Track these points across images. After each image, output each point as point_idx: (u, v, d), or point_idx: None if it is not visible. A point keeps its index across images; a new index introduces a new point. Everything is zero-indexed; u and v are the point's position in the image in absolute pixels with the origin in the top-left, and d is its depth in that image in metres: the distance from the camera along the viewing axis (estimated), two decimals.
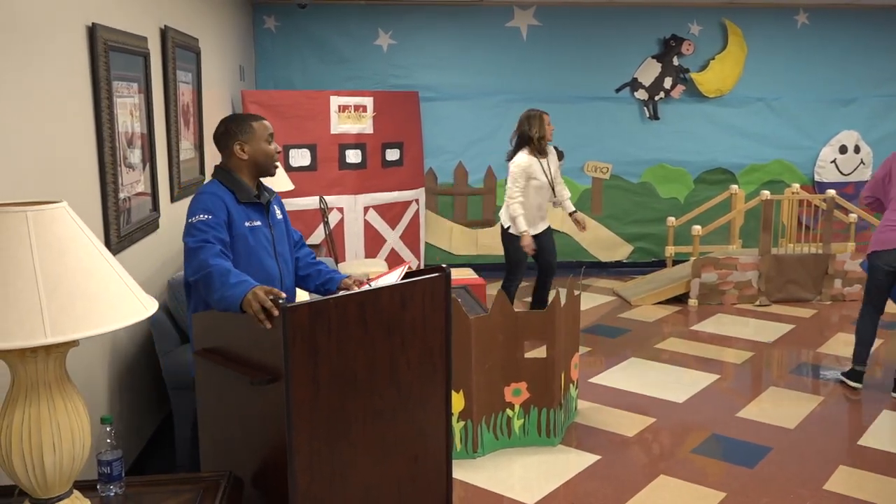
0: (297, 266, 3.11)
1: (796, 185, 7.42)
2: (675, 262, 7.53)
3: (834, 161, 8.11)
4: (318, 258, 3.20)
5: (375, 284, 2.60)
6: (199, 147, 5.02)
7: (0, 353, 1.63)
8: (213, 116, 5.47)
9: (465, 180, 7.91)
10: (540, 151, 5.50)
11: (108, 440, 2.01)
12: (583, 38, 7.77)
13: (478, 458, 3.92)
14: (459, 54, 7.70)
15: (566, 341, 4.14)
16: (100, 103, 3.14)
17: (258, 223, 2.91)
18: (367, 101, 6.83)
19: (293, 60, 7.60)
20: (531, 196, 5.47)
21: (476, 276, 6.12)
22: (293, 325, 2.19)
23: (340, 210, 6.76)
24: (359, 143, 6.81)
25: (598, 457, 3.95)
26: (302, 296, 3.70)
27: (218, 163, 2.99)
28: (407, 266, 2.77)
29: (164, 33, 4.19)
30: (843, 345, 5.73)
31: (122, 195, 3.40)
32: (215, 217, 2.76)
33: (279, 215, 3.06)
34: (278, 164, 3.01)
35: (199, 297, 2.87)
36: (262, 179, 3.03)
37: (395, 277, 2.65)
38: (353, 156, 6.76)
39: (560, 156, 7.06)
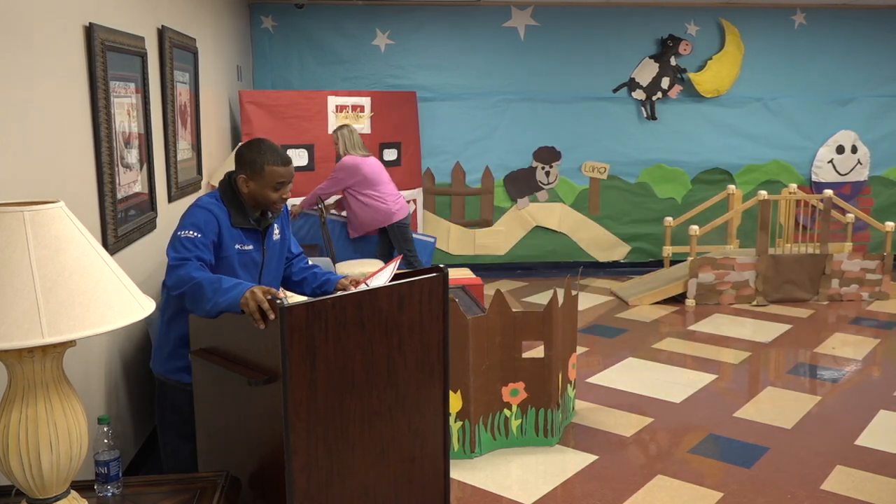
0: (291, 272, 3.04)
1: (793, 186, 7.44)
2: (673, 263, 7.53)
3: (831, 161, 8.12)
4: (315, 259, 3.18)
5: (371, 283, 2.59)
6: (197, 147, 5.02)
7: None
8: (210, 116, 5.47)
9: (463, 180, 7.91)
10: None
11: (106, 440, 2.01)
12: (580, 38, 7.77)
13: (475, 458, 3.93)
14: (457, 54, 7.70)
15: (564, 341, 4.15)
16: (97, 103, 3.13)
17: (249, 247, 2.80)
18: (365, 101, 6.83)
19: (291, 60, 7.59)
20: None
21: (474, 276, 6.12)
22: (291, 326, 2.19)
23: None
24: None
25: (596, 457, 3.95)
26: (299, 297, 3.70)
27: (231, 170, 2.87)
28: (399, 260, 2.77)
29: (162, 33, 4.19)
30: (840, 344, 5.74)
31: (119, 195, 3.40)
32: (204, 237, 2.66)
33: (276, 236, 2.93)
34: (280, 208, 2.84)
35: (177, 302, 2.78)
36: None
37: (388, 272, 2.65)
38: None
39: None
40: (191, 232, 2.65)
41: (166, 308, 2.86)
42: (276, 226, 2.93)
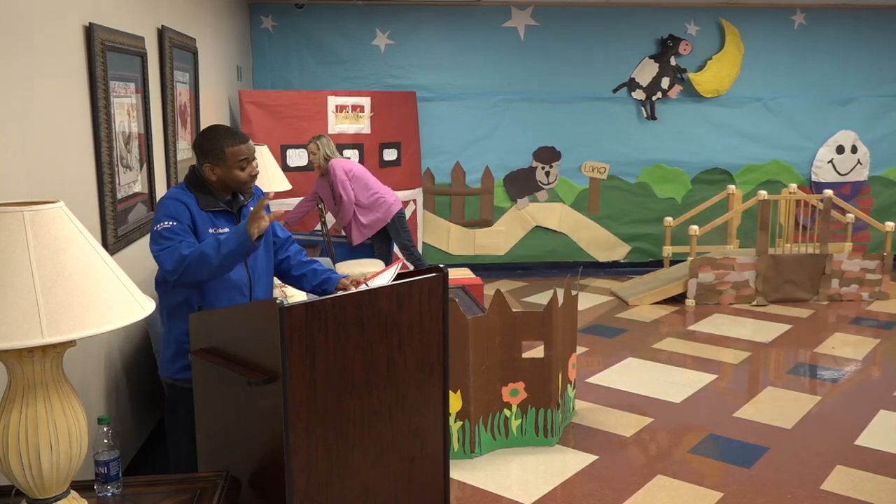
0: (290, 265, 3.05)
1: (793, 186, 7.44)
2: (673, 263, 7.54)
3: (831, 161, 8.12)
4: (315, 258, 3.18)
5: (371, 283, 2.60)
6: None
7: None
8: (210, 117, 5.47)
9: (463, 180, 7.91)
10: None
11: (106, 440, 2.01)
12: (580, 38, 7.77)
13: (475, 458, 3.93)
14: (457, 54, 7.70)
15: (564, 341, 4.14)
16: (97, 103, 3.13)
17: (225, 230, 2.82)
18: (365, 101, 6.83)
19: (291, 60, 7.59)
20: None
21: (473, 277, 6.14)
22: (290, 326, 2.19)
23: None
24: (356, 143, 6.81)
25: (596, 457, 3.95)
26: (299, 295, 3.70)
27: (193, 165, 2.91)
28: (400, 263, 2.79)
29: (162, 33, 4.19)
30: (840, 344, 5.74)
31: (119, 195, 3.40)
32: (180, 224, 2.72)
33: None
34: (252, 185, 2.88)
35: (170, 300, 2.85)
36: None
37: (389, 275, 2.66)
38: (350, 156, 6.76)
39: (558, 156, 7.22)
40: (167, 223, 2.71)
41: (163, 309, 2.88)
42: (251, 209, 2.94)
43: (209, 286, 2.79)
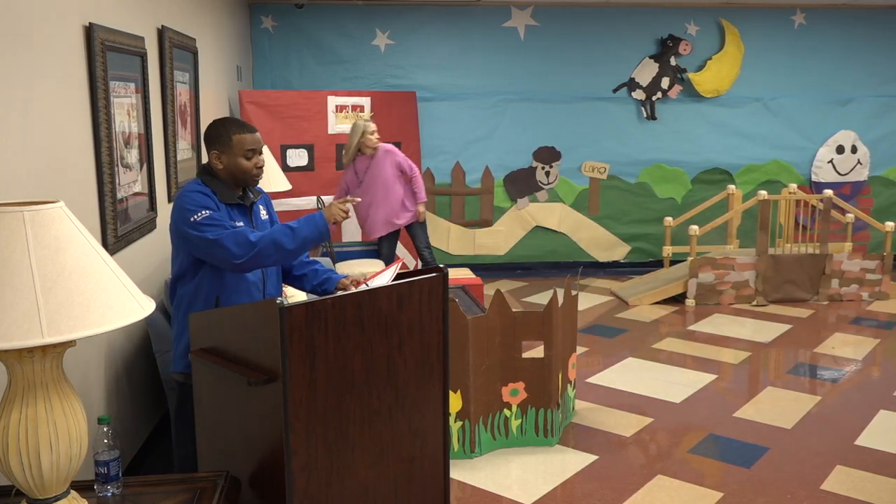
0: (292, 265, 3.08)
1: (793, 186, 7.44)
2: (673, 263, 7.54)
3: (831, 161, 8.12)
4: (315, 258, 3.19)
5: (371, 283, 2.60)
6: (197, 147, 5.02)
7: None
8: (210, 116, 5.46)
9: (463, 180, 7.91)
10: None
11: (106, 440, 2.01)
12: (580, 38, 7.77)
13: (475, 458, 3.93)
14: (457, 54, 7.70)
15: (564, 341, 4.15)
16: (97, 103, 3.14)
17: (240, 224, 2.86)
18: (365, 101, 6.83)
19: (290, 60, 7.59)
20: None
21: (473, 276, 6.14)
22: (290, 326, 2.19)
23: None
24: None
25: (596, 457, 3.95)
26: (299, 295, 3.70)
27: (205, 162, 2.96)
28: (401, 263, 2.80)
29: (162, 33, 4.19)
30: (840, 344, 5.74)
31: (119, 195, 3.40)
32: (214, 212, 2.76)
33: (264, 216, 3.01)
34: (258, 178, 2.91)
35: (189, 294, 2.87)
36: None
37: (389, 275, 2.66)
38: None
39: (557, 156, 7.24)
40: (203, 212, 2.74)
41: (180, 303, 2.89)
42: (261, 206, 3.01)
43: (228, 283, 2.84)
